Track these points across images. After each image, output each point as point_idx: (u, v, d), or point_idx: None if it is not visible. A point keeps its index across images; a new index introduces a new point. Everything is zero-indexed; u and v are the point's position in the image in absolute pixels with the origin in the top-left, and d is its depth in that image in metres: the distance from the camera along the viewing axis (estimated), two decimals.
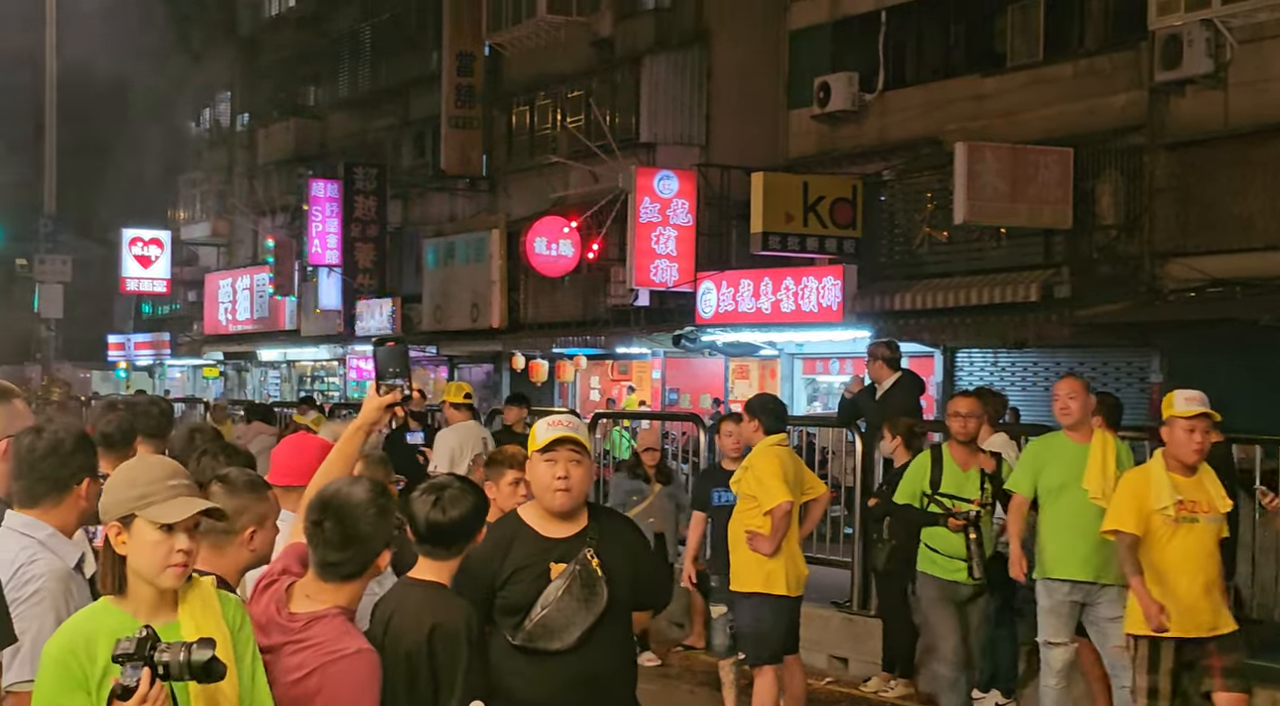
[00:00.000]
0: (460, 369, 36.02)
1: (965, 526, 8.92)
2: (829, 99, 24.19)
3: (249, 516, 4.37)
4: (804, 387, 26.55)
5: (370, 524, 4.10)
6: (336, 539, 4.05)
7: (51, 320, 27.94)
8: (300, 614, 4.04)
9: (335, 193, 37.31)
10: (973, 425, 9.23)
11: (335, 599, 4.06)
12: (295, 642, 4.00)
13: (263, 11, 46.41)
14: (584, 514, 5.07)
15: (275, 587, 4.15)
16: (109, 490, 3.75)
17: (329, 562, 4.08)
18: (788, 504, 8.71)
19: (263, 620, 4.04)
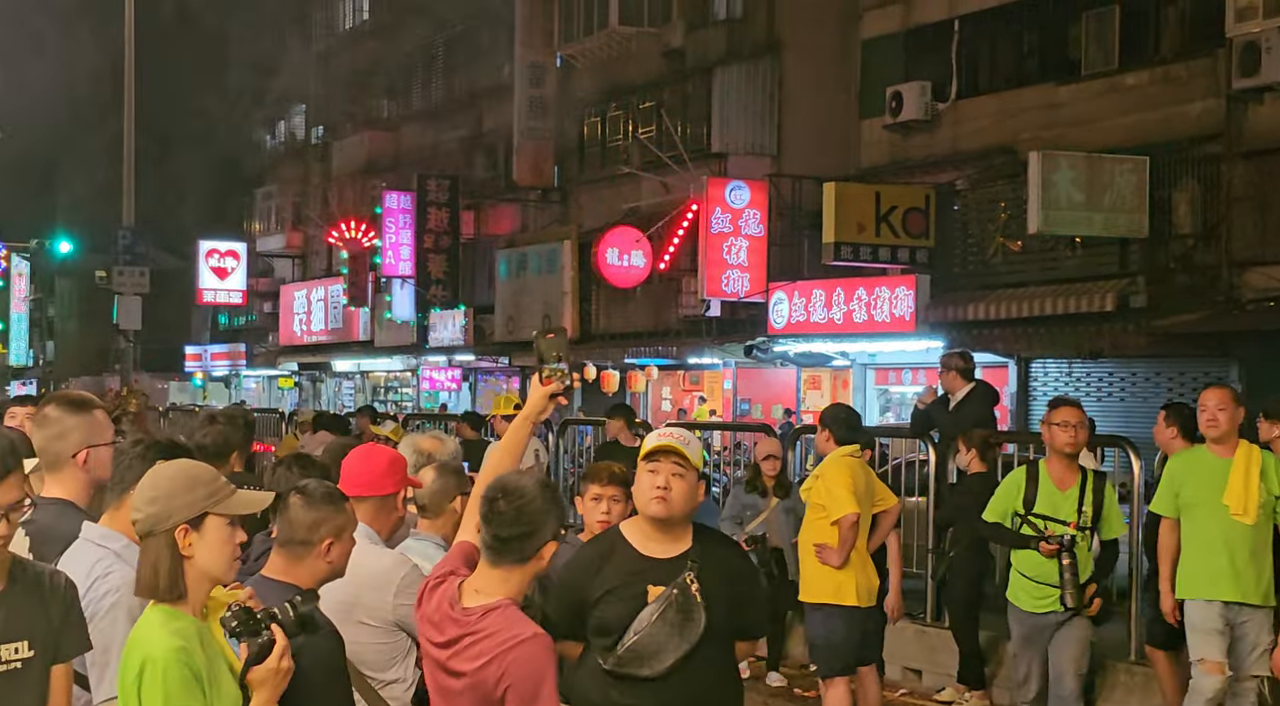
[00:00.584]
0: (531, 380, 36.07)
1: (1059, 551, 8.17)
2: (901, 108, 24.09)
3: (327, 528, 4.39)
4: (876, 398, 26.42)
5: (540, 508, 4.16)
6: (511, 514, 4.12)
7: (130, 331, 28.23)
8: (474, 607, 4.12)
9: (408, 204, 37.54)
10: (1083, 435, 8.45)
11: (504, 590, 4.13)
12: (472, 634, 4.08)
13: (337, 25, 46.80)
14: (688, 534, 4.88)
15: (445, 586, 4.21)
16: (168, 496, 3.77)
17: (502, 538, 4.13)
18: (854, 515, 8.67)
19: (436, 617, 4.16)
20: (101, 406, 4.95)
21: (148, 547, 3.76)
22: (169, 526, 3.74)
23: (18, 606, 3.79)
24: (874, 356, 25.74)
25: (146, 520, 3.76)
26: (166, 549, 3.74)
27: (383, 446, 5.95)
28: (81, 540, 4.34)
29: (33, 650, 3.80)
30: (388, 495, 5.32)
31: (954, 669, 10.79)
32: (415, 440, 6.22)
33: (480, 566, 4.21)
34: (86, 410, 4.84)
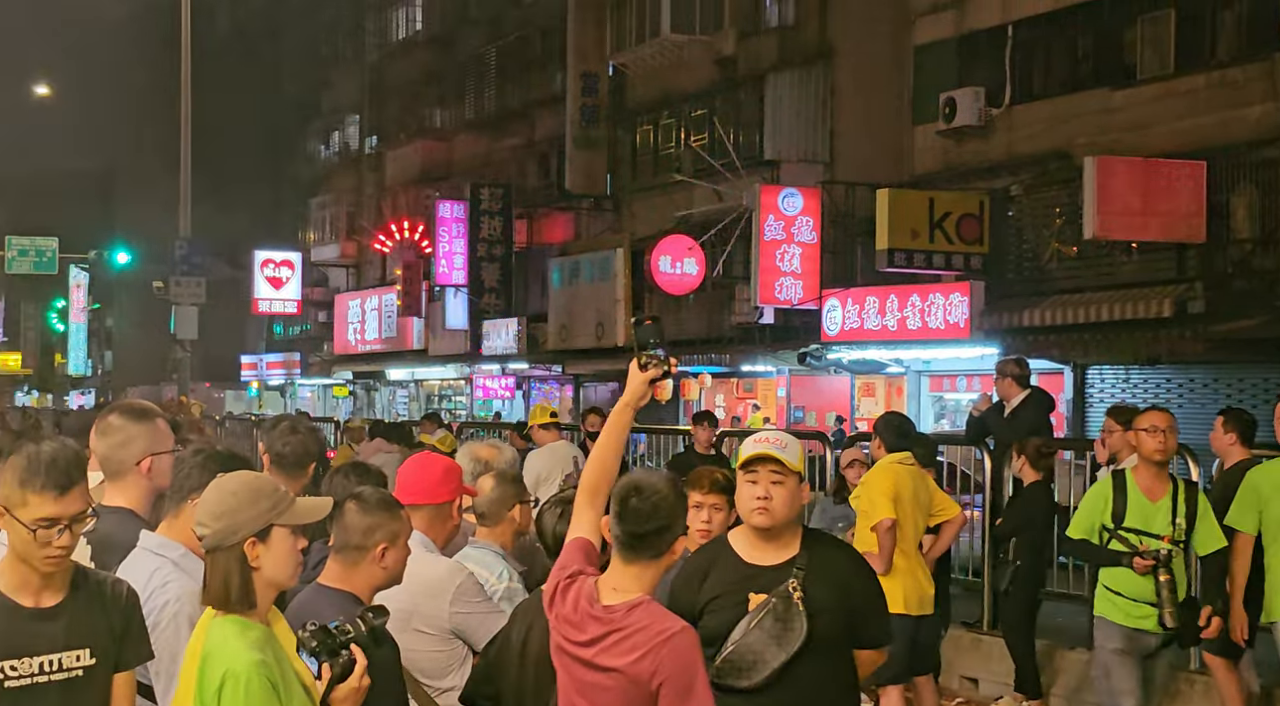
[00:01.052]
0: (586, 388, 36.16)
1: (1155, 567, 7.61)
2: (955, 114, 24.01)
3: (381, 534, 4.42)
4: (931, 405, 26.30)
5: (672, 504, 4.17)
6: (646, 511, 4.11)
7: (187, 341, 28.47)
8: (616, 604, 4.12)
9: (462, 213, 37.68)
10: (1172, 442, 7.87)
11: (640, 586, 4.14)
12: (620, 630, 4.08)
13: (390, 35, 47.05)
14: (796, 539, 4.76)
15: (578, 586, 4.22)
16: (234, 511, 3.80)
17: (638, 534, 4.13)
18: (889, 521, 8.61)
19: (574, 616, 4.16)
20: (163, 415, 5.00)
21: (216, 561, 3.80)
22: (237, 540, 3.79)
23: (80, 615, 3.83)
24: (928, 363, 25.63)
25: (214, 535, 3.80)
26: (236, 562, 3.79)
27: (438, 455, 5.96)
28: (139, 549, 4.37)
29: (94, 658, 3.84)
30: (443, 503, 5.34)
31: (1010, 677, 10.72)
32: (473, 448, 6.24)
33: (614, 564, 4.19)
34: (149, 419, 4.88)
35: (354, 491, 4.60)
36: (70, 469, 3.79)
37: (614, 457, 4.50)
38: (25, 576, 3.78)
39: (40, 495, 3.72)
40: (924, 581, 8.87)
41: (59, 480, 3.75)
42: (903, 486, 8.78)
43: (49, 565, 3.77)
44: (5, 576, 3.80)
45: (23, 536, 3.73)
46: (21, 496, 3.72)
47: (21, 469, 3.75)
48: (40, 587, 3.79)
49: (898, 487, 8.74)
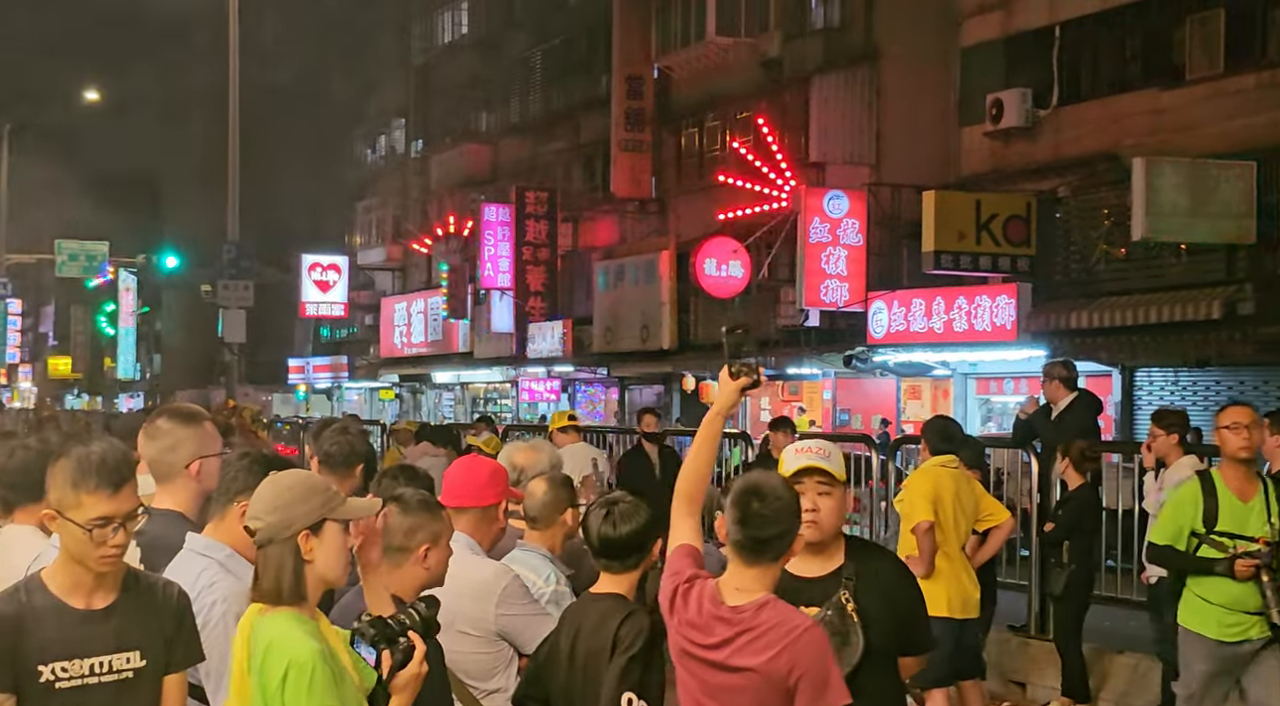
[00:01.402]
0: (631, 391, 36.17)
1: (1257, 569, 7.22)
2: (1001, 115, 23.90)
3: (423, 534, 4.46)
4: (978, 408, 26.18)
5: (791, 506, 4.20)
6: (769, 515, 4.14)
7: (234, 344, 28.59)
8: (744, 605, 4.16)
9: (507, 216, 37.76)
10: (1257, 437, 7.54)
11: (763, 586, 4.18)
12: (750, 630, 4.12)
13: (436, 39, 47.20)
14: (840, 548, 4.76)
15: (699, 589, 4.25)
16: (289, 504, 3.83)
17: (761, 539, 4.15)
18: (927, 523, 8.58)
19: (699, 620, 4.19)
20: (210, 418, 5.03)
21: (269, 555, 3.82)
22: (292, 533, 3.81)
23: (131, 617, 3.86)
24: (975, 366, 25.52)
25: (269, 528, 3.82)
26: (290, 555, 3.81)
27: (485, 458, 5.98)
28: (186, 550, 4.40)
29: (145, 660, 3.86)
30: (489, 506, 5.35)
31: (1058, 681, 10.66)
32: (510, 453, 6.25)
33: (733, 567, 4.21)
34: (197, 422, 4.92)
35: (395, 494, 4.63)
36: (120, 467, 3.83)
37: (707, 465, 4.55)
38: (77, 578, 3.81)
39: (94, 495, 3.75)
40: (968, 584, 8.84)
41: (111, 479, 3.78)
42: (944, 489, 8.74)
43: (105, 564, 3.80)
44: (57, 579, 3.82)
45: (77, 537, 3.76)
46: (75, 498, 3.75)
47: (72, 470, 3.78)
48: (91, 589, 3.82)
49: (938, 490, 8.71)
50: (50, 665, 3.75)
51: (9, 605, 3.79)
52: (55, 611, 3.78)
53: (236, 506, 4.39)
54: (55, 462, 3.84)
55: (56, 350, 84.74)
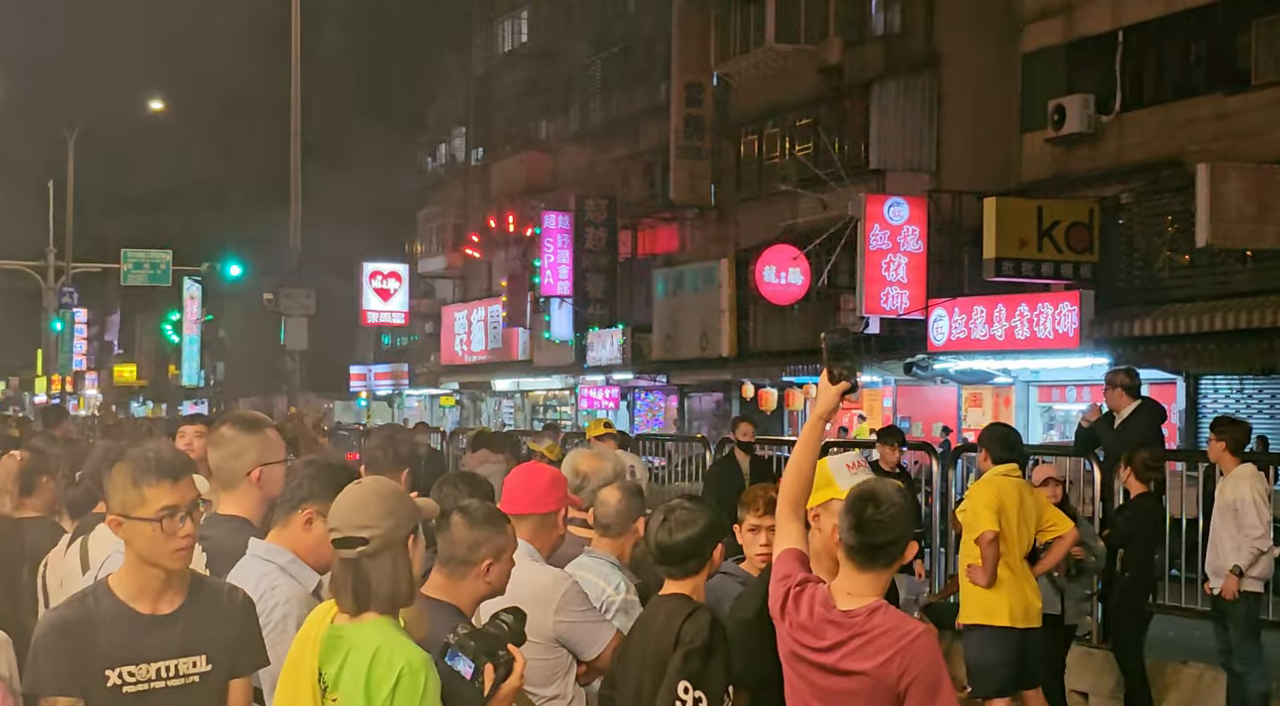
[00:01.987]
0: (690, 398, 36.15)
1: None
2: (1064, 121, 23.74)
3: (487, 549, 4.44)
4: (1040, 416, 26.01)
5: (905, 513, 4.26)
6: (885, 521, 4.20)
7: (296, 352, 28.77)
8: (856, 609, 4.23)
9: (567, 224, 37.85)
10: None
11: (875, 591, 4.25)
12: (863, 634, 4.19)
13: (496, 48, 47.40)
14: None
15: (810, 593, 4.32)
16: (394, 510, 3.86)
17: (875, 544, 4.22)
18: (991, 533, 8.53)
19: (811, 623, 4.26)
20: (273, 425, 5.07)
21: (382, 562, 3.80)
22: (401, 537, 3.84)
23: (196, 621, 3.89)
24: (1037, 373, 25.36)
25: (383, 535, 3.81)
26: (405, 559, 3.84)
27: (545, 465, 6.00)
28: (248, 556, 4.44)
29: (210, 664, 3.90)
30: (548, 513, 5.36)
31: (1119, 691, 10.57)
32: (575, 460, 6.26)
33: (845, 571, 4.28)
34: (259, 429, 4.95)
35: (461, 504, 4.63)
36: (176, 460, 3.89)
37: (810, 469, 4.60)
38: (143, 583, 3.85)
39: (156, 487, 3.80)
40: (1030, 594, 8.78)
41: (170, 469, 3.84)
42: (1007, 498, 8.69)
43: (178, 558, 3.84)
44: (123, 584, 3.86)
45: (147, 534, 3.79)
46: (138, 495, 3.80)
47: (131, 469, 3.83)
48: (158, 594, 3.86)
49: (1002, 500, 8.66)
50: (117, 669, 3.78)
51: (77, 610, 3.83)
52: (122, 616, 3.81)
53: (301, 513, 4.42)
54: (111, 470, 3.89)
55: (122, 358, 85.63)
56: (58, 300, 46.49)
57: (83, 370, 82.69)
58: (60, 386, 63.05)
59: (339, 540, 3.81)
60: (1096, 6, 24.07)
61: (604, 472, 6.16)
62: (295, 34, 28.21)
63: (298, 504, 4.45)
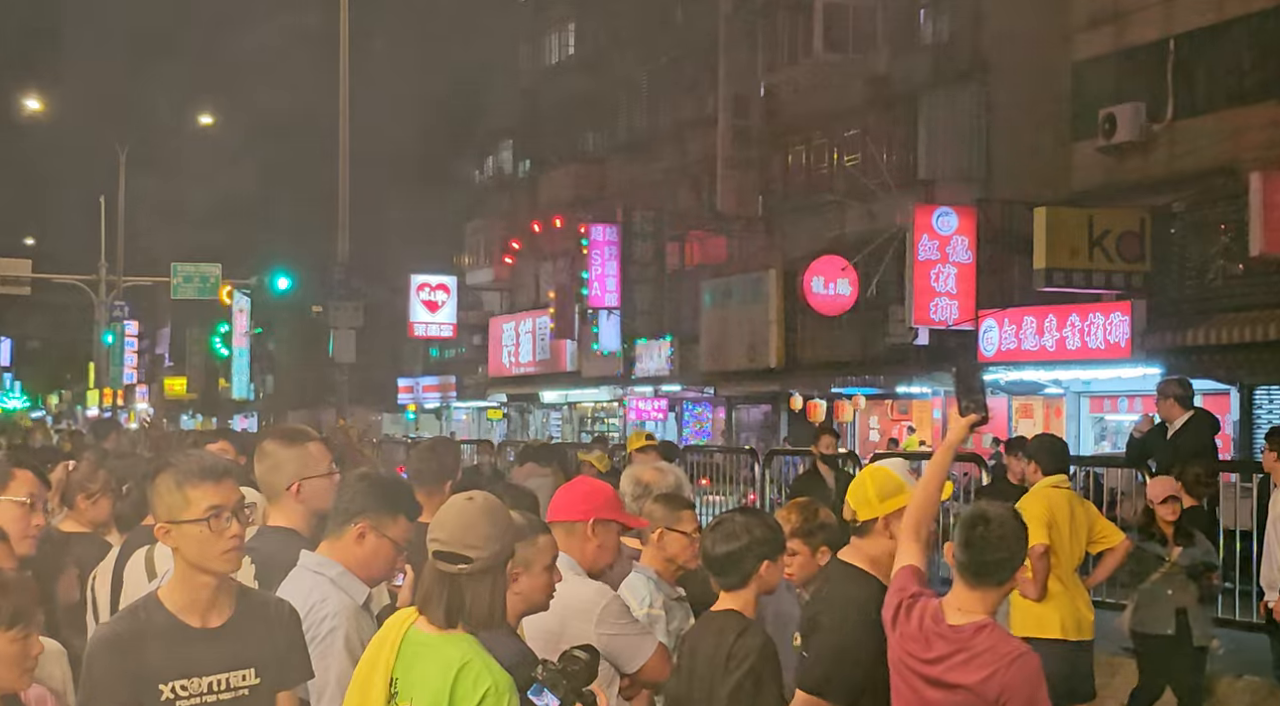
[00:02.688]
0: (738, 409, 36.08)
1: None
2: (1114, 130, 23.59)
3: (513, 560, 4.46)
4: (1091, 426, 25.82)
5: (1017, 534, 4.44)
6: (994, 540, 4.39)
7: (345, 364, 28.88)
8: (963, 625, 4.43)
9: (614, 236, 37.88)
10: None
11: (984, 609, 4.46)
12: (967, 650, 4.38)
13: (543, 60, 47.52)
14: None
15: (921, 606, 4.51)
16: (502, 533, 3.89)
17: (987, 563, 4.42)
18: (1042, 546, 8.44)
19: (920, 636, 4.47)
20: (317, 439, 5.07)
21: (481, 583, 3.83)
22: (503, 561, 3.88)
23: (244, 634, 3.90)
24: (1088, 384, 25.18)
25: (487, 558, 3.83)
26: (502, 581, 3.89)
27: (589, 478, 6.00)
28: (299, 567, 4.44)
29: (259, 677, 3.90)
30: (575, 522, 5.32)
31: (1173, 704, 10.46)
32: (635, 471, 6.25)
33: (957, 588, 4.47)
34: (300, 443, 4.96)
35: None
36: (216, 463, 3.94)
37: (937, 492, 4.78)
38: (194, 595, 3.86)
39: (199, 488, 3.82)
40: (1083, 607, 8.70)
41: (211, 471, 3.87)
42: (1058, 511, 8.61)
43: (228, 560, 3.86)
44: (173, 597, 3.87)
45: (195, 537, 3.81)
46: (183, 498, 3.82)
47: (173, 474, 3.86)
48: (208, 607, 3.87)
49: (1053, 512, 8.58)
50: (170, 683, 3.79)
51: (129, 624, 3.84)
52: (173, 629, 3.82)
53: (354, 527, 4.41)
54: (153, 481, 3.90)
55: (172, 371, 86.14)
56: (109, 314, 46.86)
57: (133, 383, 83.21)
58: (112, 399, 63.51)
59: (441, 554, 3.83)
60: (1147, 14, 23.91)
61: (667, 484, 6.15)
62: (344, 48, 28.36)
63: (350, 517, 4.45)
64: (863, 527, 4.92)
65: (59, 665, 4.35)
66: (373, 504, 4.41)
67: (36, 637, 3.67)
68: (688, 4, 38.09)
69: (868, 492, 4.90)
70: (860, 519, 4.91)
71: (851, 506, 4.92)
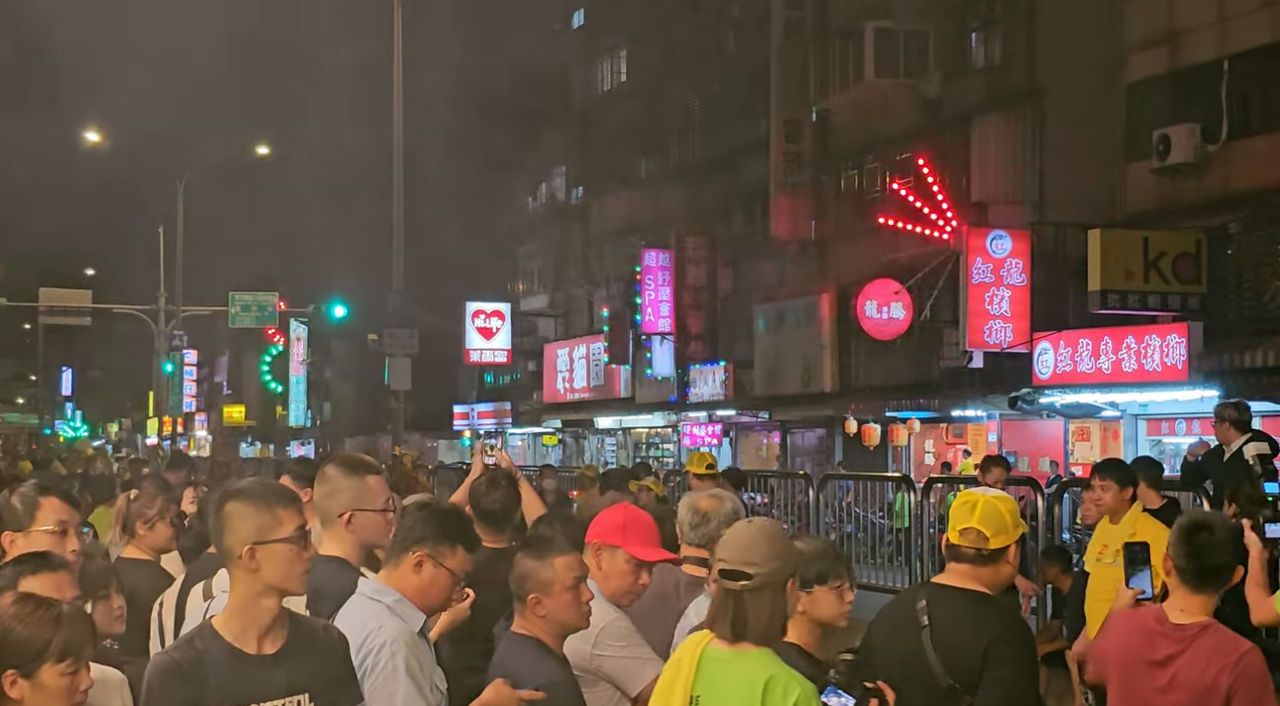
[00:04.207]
0: (792, 434, 36.01)
1: None
2: (1169, 151, 23.45)
3: (530, 582, 4.69)
4: (1149, 449, 25.57)
5: (1234, 541, 4.80)
6: (1217, 546, 4.72)
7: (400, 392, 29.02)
8: (1188, 624, 4.72)
9: (667, 261, 37.93)
10: None
11: (1204, 611, 4.76)
12: (1191, 650, 4.64)
13: (596, 87, 47.70)
14: None
15: (1145, 609, 4.90)
16: (785, 553, 4.22)
17: (1208, 568, 4.75)
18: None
19: (1145, 636, 4.73)
20: (378, 473, 5.07)
21: (762, 599, 4.16)
22: (783, 579, 4.17)
23: (299, 660, 3.94)
24: (1145, 406, 24.99)
25: (766, 575, 4.14)
26: (782, 599, 4.20)
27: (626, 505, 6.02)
28: (357, 594, 4.48)
29: (314, 702, 3.94)
30: (600, 545, 5.37)
31: None
32: (694, 499, 6.28)
33: (1178, 593, 4.77)
34: (359, 474, 4.98)
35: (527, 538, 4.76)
36: (282, 487, 4.10)
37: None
38: (251, 622, 3.90)
39: (288, 509, 3.93)
40: None
41: (291, 495, 4.03)
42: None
43: (303, 582, 3.97)
44: (230, 625, 3.91)
45: (284, 556, 3.88)
46: (274, 517, 3.90)
47: (259, 495, 3.94)
48: (263, 634, 3.91)
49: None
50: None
51: (186, 652, 3.87)
52: (230, 657, 3.86)
53: (412, 555, 4.44)
54: (228, 506, 3.93)
55: (231, 399, 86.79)
56: (168, 343, 47.29)
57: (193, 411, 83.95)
58: (171, 427, 64.04)
59: (725, 572, 4.16)
60: (1201, 35, 23.79)
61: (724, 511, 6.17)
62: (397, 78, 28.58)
63: (408, 546, 4.48)
64: (992, 555, 4.83)
65: (119, 695, 4.40)
66: (430, 532, 4.45)
67: (86, 672, 3.71)
68: (739, 30, 38.19)
69: (1006, 521, 4.84)
70: (993, 547, 4.81)
71: (985, 533, 4.81)
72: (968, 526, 4.83)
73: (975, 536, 4.82)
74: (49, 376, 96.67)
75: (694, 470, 12.65)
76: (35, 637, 3.62)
